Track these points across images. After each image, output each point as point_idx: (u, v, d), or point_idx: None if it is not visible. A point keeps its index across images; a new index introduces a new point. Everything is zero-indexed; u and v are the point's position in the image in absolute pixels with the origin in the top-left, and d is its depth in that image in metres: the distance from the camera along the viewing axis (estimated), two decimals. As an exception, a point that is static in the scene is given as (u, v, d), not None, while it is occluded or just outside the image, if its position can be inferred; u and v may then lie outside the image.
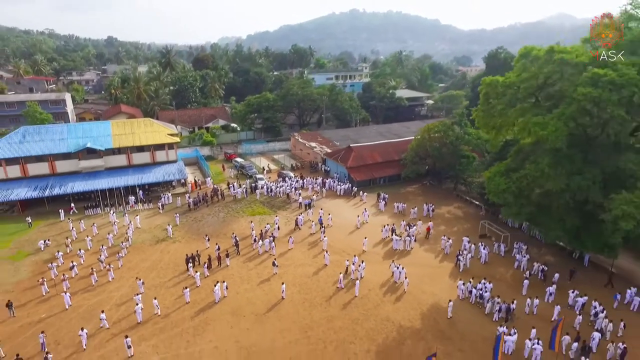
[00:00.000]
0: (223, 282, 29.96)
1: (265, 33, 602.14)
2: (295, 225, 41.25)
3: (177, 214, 43.18)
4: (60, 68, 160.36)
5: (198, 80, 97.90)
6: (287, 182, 52.41)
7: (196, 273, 31.51)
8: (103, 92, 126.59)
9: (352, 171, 53.62)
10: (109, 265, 32.70)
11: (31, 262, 34.76)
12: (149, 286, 30.88)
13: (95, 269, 32.29)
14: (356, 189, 50.56)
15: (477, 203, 46.47)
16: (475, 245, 36.01)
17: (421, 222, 40.84)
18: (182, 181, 52.35)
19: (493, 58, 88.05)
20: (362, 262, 32.67)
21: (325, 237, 37.30)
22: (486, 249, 35.18)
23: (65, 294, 28.74)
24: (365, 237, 37.42)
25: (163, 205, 46.14)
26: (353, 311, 28.14)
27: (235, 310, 28.19)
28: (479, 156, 51.41)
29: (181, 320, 27.15)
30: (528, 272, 32.07)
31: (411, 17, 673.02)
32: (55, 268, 32.39)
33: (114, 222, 41.48)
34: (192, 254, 33.89)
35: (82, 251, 35.60)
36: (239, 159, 63.74)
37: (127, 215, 43.01)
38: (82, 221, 41.45)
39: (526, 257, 33.77)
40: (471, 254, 34.96)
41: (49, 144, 48.56)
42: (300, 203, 46.33)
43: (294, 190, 50.09)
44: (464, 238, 36.86)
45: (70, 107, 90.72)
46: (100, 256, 34.53)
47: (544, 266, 32.23)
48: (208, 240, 37.55)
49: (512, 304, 27.42)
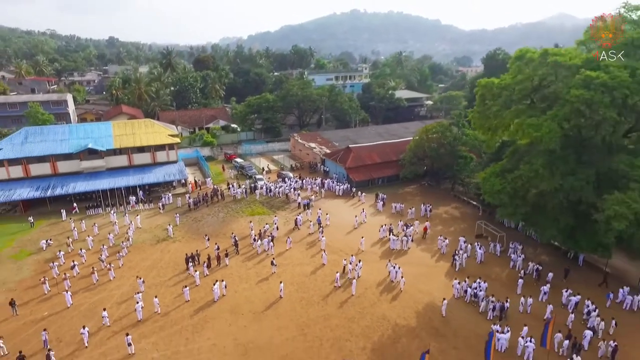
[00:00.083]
0: (222, 281, 30.45)
1: (266, 33, 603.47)
2: (294, 225, 41.70)
3: (178, 214, 43.66)
4: (61, 69, 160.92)
5: (199, 81, 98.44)
6: (287, 183, 52.88)
7: (196, 272, 31.97)
8: (104, 93, 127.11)
9: (351, 172, 54.05)
10: (110, 264, 33.21)
11: (33, 261, 35.27)
12: (149, 285, 31.35)
13: (96, 268, 32.75)
14: (355, 189, 51.03)
15: (475, 203, 46.86)
16: (471, 245, 36.43)
17: (418, 222, 41.30)
18: (183, 181, 52.83)
19: (491, 59, 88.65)
20: (360, 262, 33.07)
21: (323, 237, 37.74)
22: (482, 249, 35.61)
23: (66, 293, 29.26)
24: (362, 237, 37.82)
25: (163, 205, 46.64)
26: (349, 309, 28.59)
27: (233, 308, 28.66)
28: (477, 157, 51.79)
29: (181, 318, 27.63)
30: (523, 272, 32.50)
31: (412, 18, 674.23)
32: (56, 267, 32.90)
33: (115, 222, 41.93)
34: (192, 254, 34.38)
35: (83, 250, 36.09)
36: (239, 160, 64.15)
37: (128, 215, 43.52)
38: (84, 221, 41.96)
39: (521, 257, 34.22)
40: (467, 254, 35.37)
41: (51, 145, 49.11)
42: (299, 203, 46.79)
43: (293, 190, 50.52)
44: (460, 238, 37.26)
45: (71, 108, 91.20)
46: (101, 255, 35.02)
47: (539, 266, 32.64)
48: (208, 240, 38.01)
49: (506, 303, 27.87)
